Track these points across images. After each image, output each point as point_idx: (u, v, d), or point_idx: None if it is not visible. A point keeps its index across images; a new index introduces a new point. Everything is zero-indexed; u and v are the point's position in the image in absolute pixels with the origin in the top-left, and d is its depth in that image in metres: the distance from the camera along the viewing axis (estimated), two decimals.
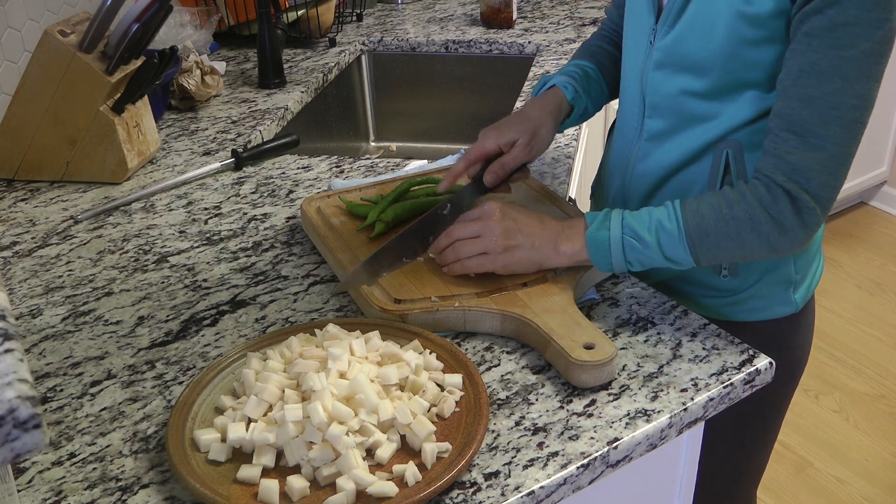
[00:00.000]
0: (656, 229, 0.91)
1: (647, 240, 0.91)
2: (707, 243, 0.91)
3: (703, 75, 0.96)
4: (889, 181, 3.34)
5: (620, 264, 0.93)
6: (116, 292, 1.07)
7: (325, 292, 1.04)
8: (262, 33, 1.78)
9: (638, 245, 0.92)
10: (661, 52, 0.99)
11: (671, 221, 0.91)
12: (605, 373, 0.85)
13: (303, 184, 1.35)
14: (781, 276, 1.07)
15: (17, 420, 0.48)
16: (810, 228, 0.90)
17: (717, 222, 0.90)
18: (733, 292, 1.07)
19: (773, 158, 0.89)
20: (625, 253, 0.92)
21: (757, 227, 0.89)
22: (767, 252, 0.91)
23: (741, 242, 0.90)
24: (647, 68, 1.02)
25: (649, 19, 1.01)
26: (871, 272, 3.00)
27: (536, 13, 2.31)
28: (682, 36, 0.96)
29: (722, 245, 0.91)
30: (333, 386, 0.78)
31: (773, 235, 0.89)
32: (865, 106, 0.87)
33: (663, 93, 1.01)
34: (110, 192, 1.35)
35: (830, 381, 2.49)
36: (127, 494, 0.76)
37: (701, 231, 0.90)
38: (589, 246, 0.93)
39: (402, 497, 0.71)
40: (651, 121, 1.04)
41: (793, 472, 2.18)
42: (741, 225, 0.89)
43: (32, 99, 1.33)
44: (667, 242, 0.91)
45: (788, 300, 1.09)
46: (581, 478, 0.78)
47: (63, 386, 0.90)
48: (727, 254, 0.92)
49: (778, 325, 1.10)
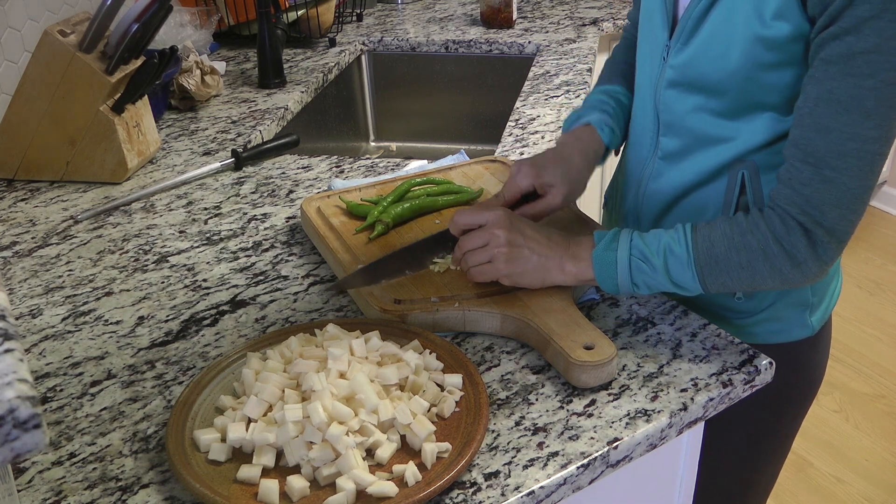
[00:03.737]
0: (665, 253, 0.89)
1: (655, 263, 0.89)
2: (716, 271, 0.88)
3: (717, 96, 0.93)
4: (889, 181, 3.34)
5: (626, 286, 0.91)
6: (116, 292, 1.07)
7: (324, 292, 1.04)
8: (262, 33, 1.78)
9: (645, 268, 0.89)
10: (674, 71, 0.96)
11: (681, 246, 0.89)
12: (605, 373, 0.85)
13: (303, 184, 1.35)
14: (797, 300, 1.04)
15: (17, 420, 0.48)
16: (824, 262, 0.87)
17: (727, 250, 0.87)
18: (748, 314, 1.04)
19: (787, 189, 0.86)
20: (631, 275, 0.90)
21: (769, 259, 0.87)
22: (779, 284, 0.89)
23: (752, 272, 0.88)
24: (661, 85, 0.99)
25: (663, 34, 0.98)
26: (871, 272, 3.00)
27: (536, 13, 2.31)
28: (696, 56, 0.93)
29: (732, 274, 0.88)
30: (333, 386, 0.78)
31: (785, 268, 0.87)
32: (886, 138, 0.83)
33: (677, 112, 0.98)
34: (110, 192, 1.35)
35: (830, 381, 2.49)
36: (127, 494, 0.76)
37: (711, 258, 0.88)
38: (595, 266, 0.91)
39: (402, 497, 0.71)
40: (666, 139, 1.01)
41: (793, 472, 2.18)
42: (753, 255, 0.87)
43: (32, 99, 1.33)
44: (675, 267, 0.89)
45: (805, 323, 1.06)
46: (581, 478, 0.78)
47: (63, 386, 0.90)
48: (737, 283, 0.89)
49: (795, 346, 1.07)
